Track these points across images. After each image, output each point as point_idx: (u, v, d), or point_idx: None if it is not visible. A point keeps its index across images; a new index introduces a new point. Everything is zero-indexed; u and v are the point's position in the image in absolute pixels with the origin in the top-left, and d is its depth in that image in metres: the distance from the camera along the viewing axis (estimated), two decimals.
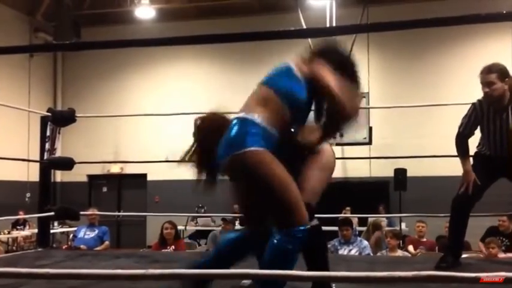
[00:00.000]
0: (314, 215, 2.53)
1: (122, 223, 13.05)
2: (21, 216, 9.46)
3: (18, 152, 8.30)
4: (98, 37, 11.78)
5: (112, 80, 13.22)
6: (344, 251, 5.96)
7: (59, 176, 12.74)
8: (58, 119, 5.07)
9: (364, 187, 10.80)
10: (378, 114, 10.39)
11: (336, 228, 6.35)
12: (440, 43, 11.21)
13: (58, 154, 11.06)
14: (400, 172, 10.00)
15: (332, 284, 2.58)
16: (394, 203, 10.54)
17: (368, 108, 9.70)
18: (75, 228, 8.24)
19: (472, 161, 3.58)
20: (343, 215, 6.99)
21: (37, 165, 5.03)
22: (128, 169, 12.86)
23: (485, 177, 3.49)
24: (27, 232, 10.42)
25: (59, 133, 11.33)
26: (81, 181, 12.93)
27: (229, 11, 12.48)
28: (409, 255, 6.51)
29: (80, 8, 12.37)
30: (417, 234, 7.47)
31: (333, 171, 2.68)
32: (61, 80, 13.72)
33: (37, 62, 12.73)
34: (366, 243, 6.23)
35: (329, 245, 5.62)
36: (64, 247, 8.15)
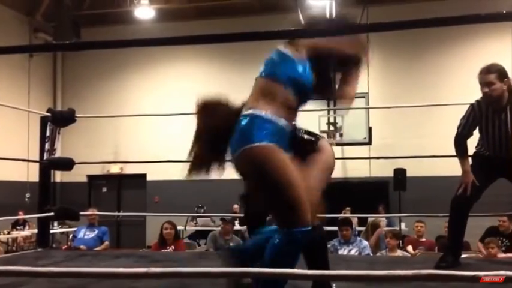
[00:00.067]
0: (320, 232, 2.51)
1: (122, 223, 13.05)
2: (20, 216, 9.45)
3: (18, 152, 8.30)
4: (98, 37, 11.79)
5: (112, 80, 13.22)
6: (344, 251, 5.96)
7: (59, 176, 12.73)
8: (58, 119, 5.07)
9: (363, 187, 10.81)
10: (378, 114, 10.41)
11: (336, 228, 6.35)
12: (440, 43, 11.21)
13: (58, 154, 11.07)
14: (400, 172, 10.00)
15: (332, 284, 2.59)
16: (394, 203, 10.55)
17: (368, 108, 9.73)
18: (74, 228, 8.24)
19: (471, 162, 3.60)
20: (342, 215, 6.99)
21: (37, 165, 5.03)
22: (128, 169, 12.86)
23: (484, 177, 3.50)
24: (26, 232, 10.42)
25: (59, 133, 11.34)
26: (80, 181, 12.92)
27: (229, 11, 12.49)
28: (409, 255, 6.52)
29: (80, 8, 12.38)
30: (416, 234, 7.48)
31: (333, 170, 2.68)
32: (61, 80, 13.72)
33: (37, 62, 12.73)
34: (366, 243, 6.23)
35: (329, 245, 5.61)
36: (64, 247, 8.14)
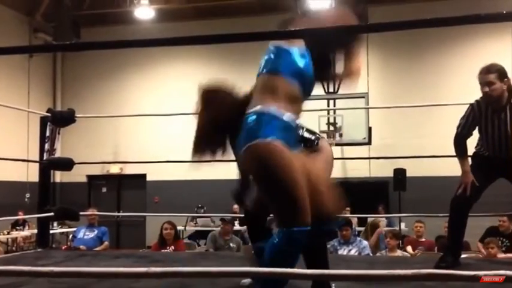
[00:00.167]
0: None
1: (122, 223, 13.04)
2: (20, 216, 9.45)
3: (17, 153, 8.31)
4: (98, 37, 11.78)
5: (112, 80, 13.21)
6: (343, 251, 5.96)
7: (59, 177, 12.72)
8: (58, 120, 5.07)
9: (363, 187, 10.79)
10: (378, 114, 10.41)
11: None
12: (440, 43, 11.21)
13: (58, 154, 11.02)
14: (400, 172, 10.00)
15: (332, 284, 2.59)
16: (394, 203, 10.55)
17: (368, 108, 9.72)
18: (74, 228, 8.24)
19: (471, 162, 3.60)
20: (342, 215, 6.99)
21: (37, 165, 5.03)
22: (128, 169, 12.86)
23: (483, 177, 3.50)
24: (26, 232, 10.40)
25: (59, 133, 11.27)
26: (80, 181, 12.92)
27: (228, 12, 12.49)
28: (409, 255, 6.52)
29: (80, 8, 12.37)
30: (415, 234, 7.48)
31: (332, 170, 2.70)
32: (60, 81, 13.72)
33: (36, 63, 12.72)
34: (366, 243, 6.23)
35: (328, 245, 5.62)
36: (63, 247, 8.15)
